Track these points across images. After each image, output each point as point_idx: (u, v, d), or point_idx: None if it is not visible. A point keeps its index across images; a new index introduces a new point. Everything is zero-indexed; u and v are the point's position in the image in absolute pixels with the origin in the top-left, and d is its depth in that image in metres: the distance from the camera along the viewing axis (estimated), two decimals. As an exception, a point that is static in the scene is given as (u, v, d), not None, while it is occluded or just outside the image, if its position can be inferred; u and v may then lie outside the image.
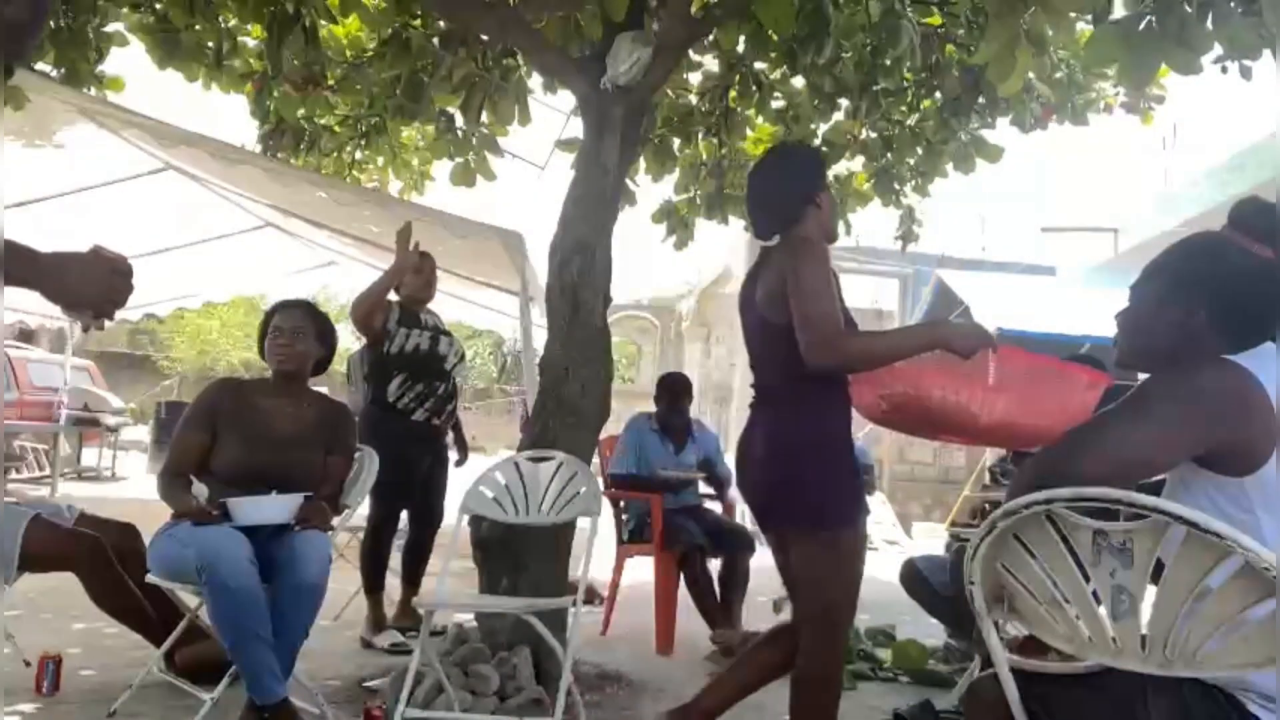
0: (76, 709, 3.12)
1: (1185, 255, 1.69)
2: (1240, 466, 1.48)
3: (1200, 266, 1.66)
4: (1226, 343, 1.58)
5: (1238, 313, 1.59)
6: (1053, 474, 1.45)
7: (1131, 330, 1.73)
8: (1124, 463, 1.47)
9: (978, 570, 1.52)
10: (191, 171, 5.76)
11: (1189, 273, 1.65)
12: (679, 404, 5.13)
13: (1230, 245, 1.65)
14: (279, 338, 3.29)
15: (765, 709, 3.68)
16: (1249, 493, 1.48)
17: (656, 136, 5.71)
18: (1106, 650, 1.43)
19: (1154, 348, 1.68)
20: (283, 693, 2.75)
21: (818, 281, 2.33)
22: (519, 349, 8.87)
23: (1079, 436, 1.53)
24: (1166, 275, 1.68)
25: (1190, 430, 1.49)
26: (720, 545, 4.72)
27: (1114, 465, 1.46)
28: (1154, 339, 1.67)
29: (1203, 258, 1.67)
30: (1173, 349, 1.63)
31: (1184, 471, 1.56)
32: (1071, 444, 1.52)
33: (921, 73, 5.23)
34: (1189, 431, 1.49)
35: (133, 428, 15.36)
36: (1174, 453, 1.52)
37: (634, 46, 3.71)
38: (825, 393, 2.43)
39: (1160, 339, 1.66)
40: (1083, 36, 4.65)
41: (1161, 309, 1.65)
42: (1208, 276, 1.63)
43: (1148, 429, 1.50)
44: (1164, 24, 3.05)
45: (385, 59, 4.88)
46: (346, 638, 4.33)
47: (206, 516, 2.92)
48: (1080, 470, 1.44)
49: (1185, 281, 1.64)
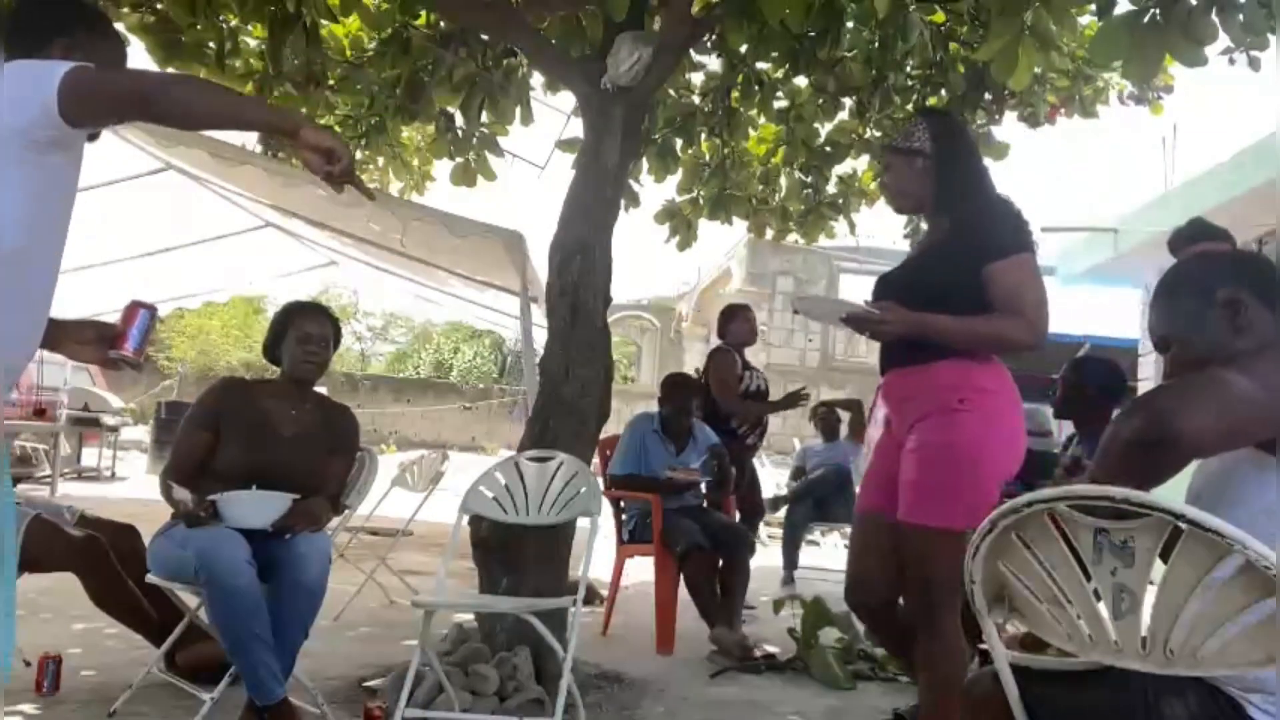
0: (76, 709, 3.12)
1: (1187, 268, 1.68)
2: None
3: (1208, 264, 1.64)
4: (1271, 321, 1.56)
5: (1273, 287, 1.57)
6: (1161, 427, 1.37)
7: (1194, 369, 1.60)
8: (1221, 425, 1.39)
9: (978, 569, 1.51)
10: (191, 171, 5.75)
11: (1205, 273, 1.62)
12: (686, 405, 5.13)
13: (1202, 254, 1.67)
14: (309, 344, 3.25)
15: (767, 709, 3.69)
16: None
17: (659, 137, 5.71)
18: (1107, 649, 1.43)
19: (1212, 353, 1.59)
20: (282, 693, 2.75)
21: None
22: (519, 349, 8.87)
23: (1166, 392, 1.43)
24: (1185, 293, 1.63)
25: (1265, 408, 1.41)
26: (720, 545, 4.72)
27: (1214, 423, 1.38)
28: (1218, 353, 1.57)
29: (1203, 260, 1.67)
30: (1236, 349, 1.56)
31: (1251, 457, 1.48)
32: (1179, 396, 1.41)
33: (927, 70, 5.24)
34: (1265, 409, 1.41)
35: (133, 428, 15.35)
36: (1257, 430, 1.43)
37: (635, 46, 3.71)
38: None
39: (1222, 349, 1.58)
40: (1088, 31, 4.65)
41: (1205, 320, 1.60)
42: (1223, 266, 1.60)
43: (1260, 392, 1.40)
44: (1169, 16, 3.04)
45: (385, 59, 4.89)
46: (346, 638, 4.33)
47: (196, 519, 2.90)
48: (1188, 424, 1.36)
49: (1208, 281, 1.60)
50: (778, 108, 5.73)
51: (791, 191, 6.39)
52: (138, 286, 6.36)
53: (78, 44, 1.83)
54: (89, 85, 1.62)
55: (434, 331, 31.92)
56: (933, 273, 2.49)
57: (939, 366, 2.40)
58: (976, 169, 2.60)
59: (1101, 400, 3.67)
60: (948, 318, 2.38)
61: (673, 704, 3.65)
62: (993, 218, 2.48)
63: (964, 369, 2.39)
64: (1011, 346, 2.45)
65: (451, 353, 32.02)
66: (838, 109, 5.67)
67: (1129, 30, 3.10)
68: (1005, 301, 2.37)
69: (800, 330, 18.70)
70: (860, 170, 6.42)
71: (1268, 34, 3.28)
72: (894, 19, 4.27)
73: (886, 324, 2.42)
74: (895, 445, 2.50)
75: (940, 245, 2.56)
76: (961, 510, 2.31)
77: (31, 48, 1.80)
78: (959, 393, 2.37)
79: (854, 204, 6.44)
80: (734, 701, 3.74)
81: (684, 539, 4.62)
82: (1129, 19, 3.13)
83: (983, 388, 2.39)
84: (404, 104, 5.14)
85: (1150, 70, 3.30)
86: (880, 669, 4.20)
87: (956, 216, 2.51)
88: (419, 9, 4.62)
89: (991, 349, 2.43)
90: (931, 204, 2.58)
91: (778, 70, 5.38)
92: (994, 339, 2.40)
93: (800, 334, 18.74)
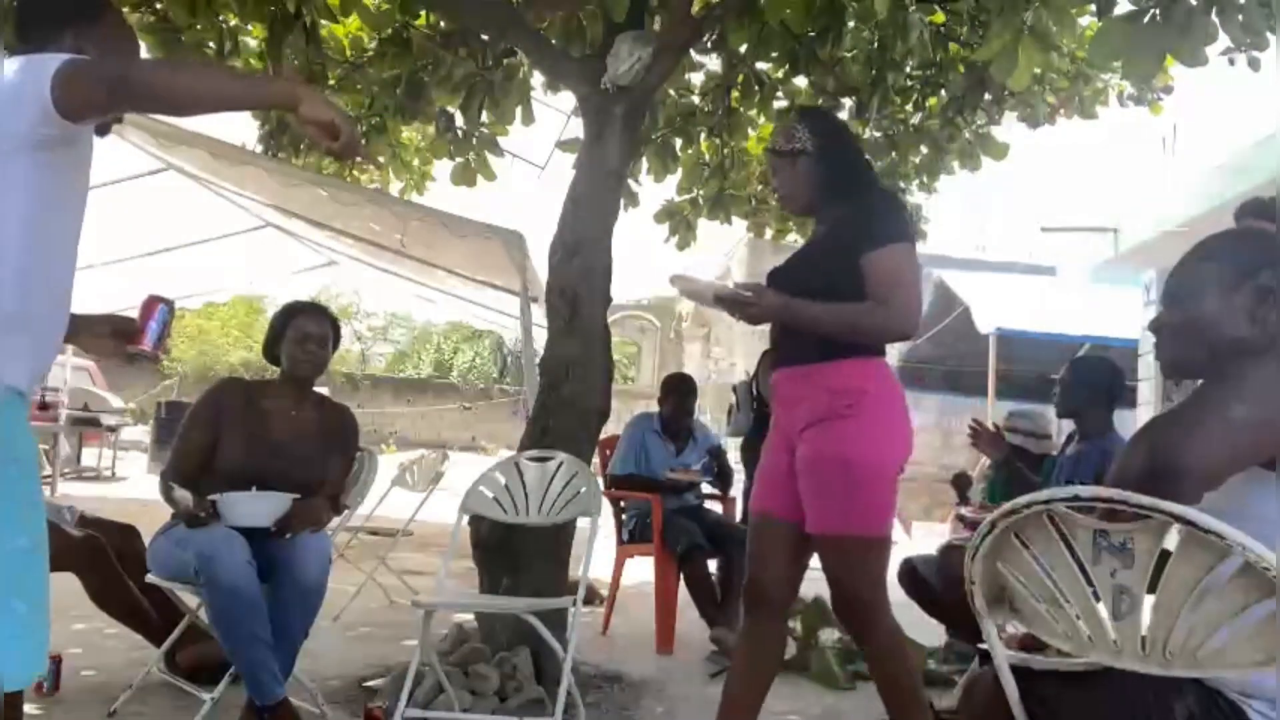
0: (76, 709, 3.12)
1: (1236, 242, 1.61)
2: None
3: (1261, 245, 1.58)
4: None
5: None
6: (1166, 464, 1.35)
7: (1188, 333, 1.60)
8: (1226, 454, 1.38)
9: (978, 570, 1.52)
10: (191, 171, 5.75)
11: (1254, 252, 1.57)
12: (687, 404, 5.13)
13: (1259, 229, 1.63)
14: (308, 344, 3.26)
15: (767, 709, 3.69)
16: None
17: (658, 136, 5.71)
18: (1107, 650, 1.43)
19: (1223, 341, 1.55)
20: (282, 693, 2.76)
21: None
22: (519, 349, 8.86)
23: (1174, 424, 1.41)
24: (1225, 265, 1.57)
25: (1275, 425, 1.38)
26: (720, 545, 4.72)
27: (1218, 454, 1.36)
28: (1224, 330, 1.55)
29: (1258, 238, 1.59)
30: (1244, 338, 1.53)
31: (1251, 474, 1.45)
32: (1183, 430, 1.39)
33: (927, 70, 5.24)
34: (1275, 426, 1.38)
35: (133, 428, 15.35)
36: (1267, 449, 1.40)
37: (635, 46, 3.71)
38: None
39: (1232, 328, 1.55)
40: (1088, 31, 4.66)
41: (1227, 300, 1.55)
42: (1274, 253, 1.55)
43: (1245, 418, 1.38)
44: (1169, 16, 3.04)
45: (385, 59, 4.88)
46: (346, 638, 4.33)
47: (197, 519, 2.90)
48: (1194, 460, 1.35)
49: (1254, 261, 1.55)
50: (778, 108, 5.72)
51: (791, 191, 6.37)
52: (138, 286, 6.36)
53: (89, 34, 1.83)
54: (77, 76, 1.61)
55: (434, 331, 31.91)
56: (816, 266, 2.50)
57: (825, 368, 2.40)
58: (858, 163, 2.63)
59: (1101, 400, 3.67)
60: (817, 304, 2.38)
61: (673, 704, 3.65)
62: (873, 209, 2.49)
63: (848, 370, 2.40)
64: (880, 334, 2.47)
65: (451, 353, 32.01)
66: (837, 109, 5.67)
67: (1129, 30, 3.10)
68: (876, 290, 2.38)
69: (800, 330, 18.66)
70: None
71: (1267, 34, 3.28)
72: (894, 19, 4.27)
73: (755, 307, 2.43)
74: (786, 445, 2.49)
75: (823, 239, 2.57)
76: (869, 515, 2.37)
77: (44, 38, 1.80)
78: (846, 397, 2.38)
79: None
80: (734, 701, 3.74)
81: (684, 539, 4.62)
82: (1129, 19, 3.13)
83: (866, 389, 2.40)
84: (404, 104, 5.14)
85: (1150, 70, 3.30)
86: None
87: (840, 211, 2.52)
88: (419, 9, 4.62)
89: (861, 336, 2.43)
90: (819, 202, 2.58)
91: (778, 70, 5.38)
92: (863, 326, 2.41)
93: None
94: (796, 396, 2.45)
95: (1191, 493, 1.35)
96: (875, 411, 2.40)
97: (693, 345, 22.49)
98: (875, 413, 2.40)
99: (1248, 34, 3.28)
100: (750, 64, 5.29)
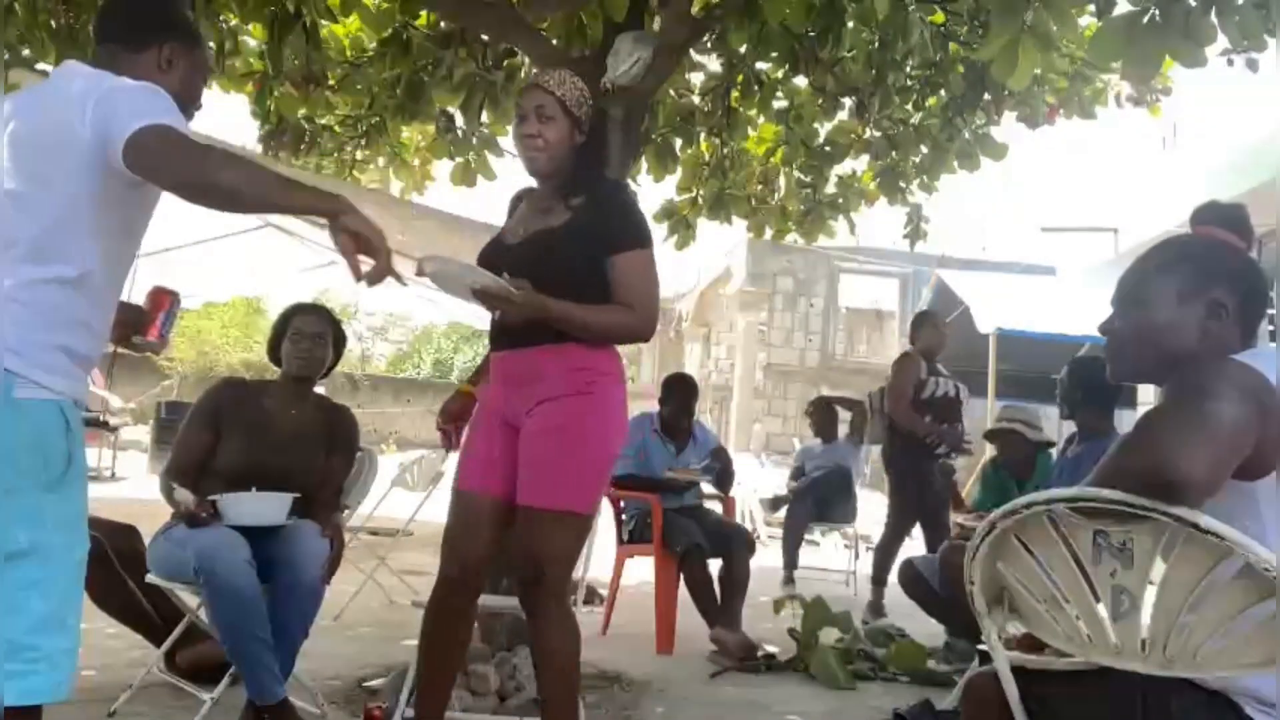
0: (76, 709, 3.11)
1: (1200, 249, 1.60)
2: (1254, 470, 1.40)
3: (1220, 257, 1.58)
4: (1239, 337, 1.52)
5: (1256, 302, 1.54)
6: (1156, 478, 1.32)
7: (1138, 339, 1.59)
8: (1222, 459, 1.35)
9: (978, 570, 1.52)
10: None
11: (1212, 265, 1.56)
12: (688, 405, 5.13)
13: (1221, 239, 1.64)
14: (301, 342, 3.27)
15: (767, 709, 3.69)
16: (1259, 501, 1.42)
17: (658, 136, 5.71)
18: (1107, 650, 1.43)
19: (1172, 351, 1.54)
20: (282, 693, 2.76)
21: None
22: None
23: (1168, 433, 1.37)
24: (1181, 276, 1.56)
25: (1250, 427, 1.37)
26: (720, 545, 4.72)
27: (1215, 461, 1.34)
28: (1174, 340, 1.54)
29: (1218, 249, 1.59)
30: (1193, 350, 1.52)
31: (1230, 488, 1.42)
32: (1167, 442, 1.35)
33: (927, 69, 5.24)
34: (1250, 428, 1.37)
35: (133, 428, 15.34)
36: (1244, 450, 1.38)
37: (635, 46, 3.71)
38: None
39: (1181, 339, 1.54)
40: (1087, 32, 4.66)
41: (1184, 306, 1.54)
42: (1231, 268, 1.55)
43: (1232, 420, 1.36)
44: (1168, 17, 3.04)
45: (385, 59, 4.89)
46: (346, 638, 4.33)
47: (197, 519, 2.90)
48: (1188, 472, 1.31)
49: (1211, 274, 1.54)
50: (777, 108, 5.73)
51: (791, 191, 6.40)
52: (137, 286, 6.36)
53: (177, 59, 1.88)
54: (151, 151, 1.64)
55: (434, 331, 31.90)
56: (564, 254, 2.45)
57: (568, 348, 2.40)
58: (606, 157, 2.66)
59: (1102, 400, 3.67)
60: (573, 307, 2.38)
61: (673, 704, 3.65)
62: (624, 206, 2.51)
63: (587, 351, 2.42)
64: (629, 338, 2.53)
65: (451, 353, 32.00)
66: (837, 109, 5.67)
67: (1128, 31, 3.11)
68: (621, 293, 2.42)
69: (800, 330, 18.67)
70: (860, 170, 6.43)
71: (1264, 35, 3.28)
72: (894, 19, 4.27)
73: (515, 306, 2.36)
74: (502, 424, 2.48)
75: (571, 224, 2.48)
76: (586, 493, 2.42)
77: (139, 43, 1.86)
78: (587, 375, 2.41)
79: (853, 204, 6.45)
80: (734, 701, 3.74)
81: (684, 539, 4.62)
82: (1128, 19, 3.13)
83: (606, 371, 2.45)
84: (404, 104, 5.14)
85: (1149, 71, 3.30)
86: (880, 669, 4.20)
87: (589, 198, 2.49)
88: (419, 9, 4.62)
89: (608, 339, 2.47)
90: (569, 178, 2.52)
91: (778, 70, 5.39)
92: (609, 329, 2.45)
93: (800, 334, 18.72)
94: (533, 374, 2.43)
95: (1196, 503, 1.34)
96: (611, 395, 2.45)
97: (693, 345, 22.50)
98: (611, 396, 2.45)
99: (1245, 36, 3.28)
100: (750, 64, 5.29)
